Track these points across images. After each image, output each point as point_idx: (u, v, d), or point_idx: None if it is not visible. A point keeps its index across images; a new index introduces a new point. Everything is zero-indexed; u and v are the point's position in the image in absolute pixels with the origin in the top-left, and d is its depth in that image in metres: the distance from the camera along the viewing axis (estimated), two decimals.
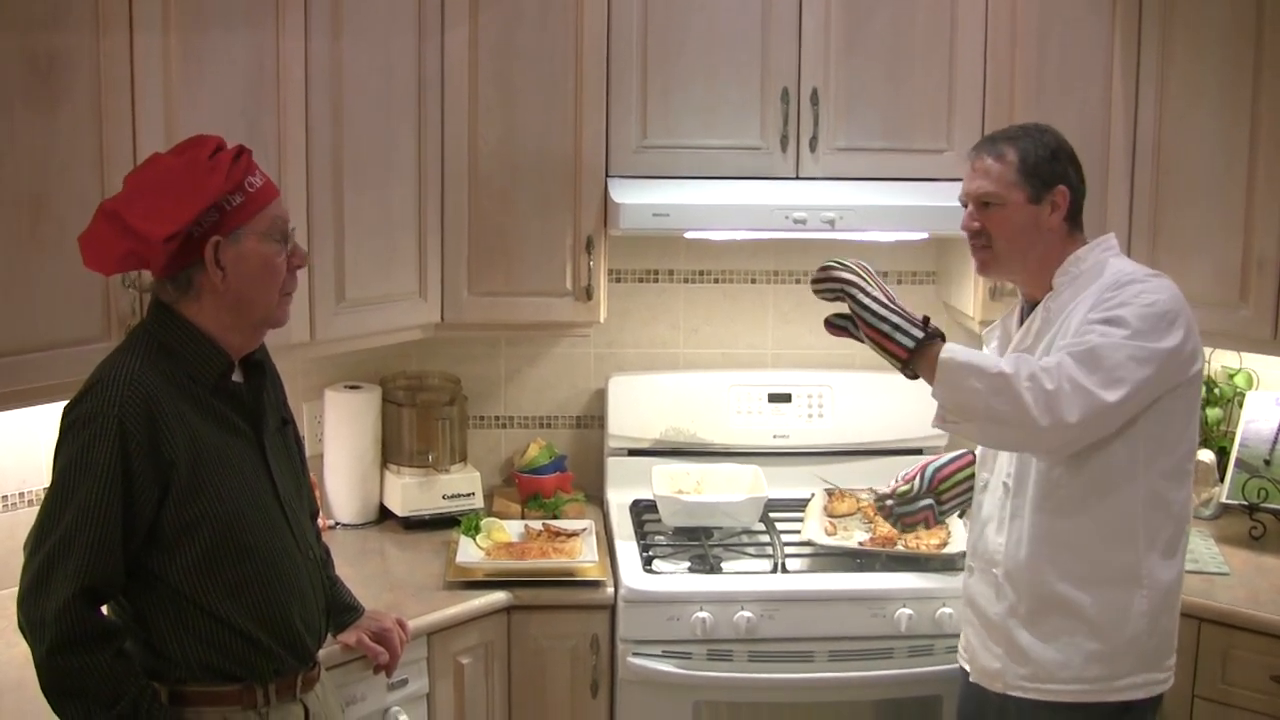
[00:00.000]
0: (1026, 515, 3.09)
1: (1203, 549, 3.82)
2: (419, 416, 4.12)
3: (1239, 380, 4.23)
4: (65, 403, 2.53)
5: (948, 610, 3.62)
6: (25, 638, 2.48)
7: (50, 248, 2.85)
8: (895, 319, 2.98)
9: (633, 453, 4.33)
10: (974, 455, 3.42)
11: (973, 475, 3.39)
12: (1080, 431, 2.93)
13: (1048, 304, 3.11)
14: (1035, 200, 3.07)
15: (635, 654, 3.64)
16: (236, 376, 2.68)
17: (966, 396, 2.94)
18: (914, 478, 3.47)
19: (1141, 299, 2.97)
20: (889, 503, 3.49)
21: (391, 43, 3.67)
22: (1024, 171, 3.07)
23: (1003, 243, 3.10)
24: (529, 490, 4.19)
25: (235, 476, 2.60)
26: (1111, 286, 3.02)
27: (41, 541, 2.48)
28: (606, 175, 3.92)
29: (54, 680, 2.46)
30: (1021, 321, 3.21)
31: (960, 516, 3.52)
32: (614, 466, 4.34)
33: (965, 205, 3.16)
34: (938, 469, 3.46)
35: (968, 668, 3.31)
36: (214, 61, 3.20)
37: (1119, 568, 3.03)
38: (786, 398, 4.35)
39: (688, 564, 3.80)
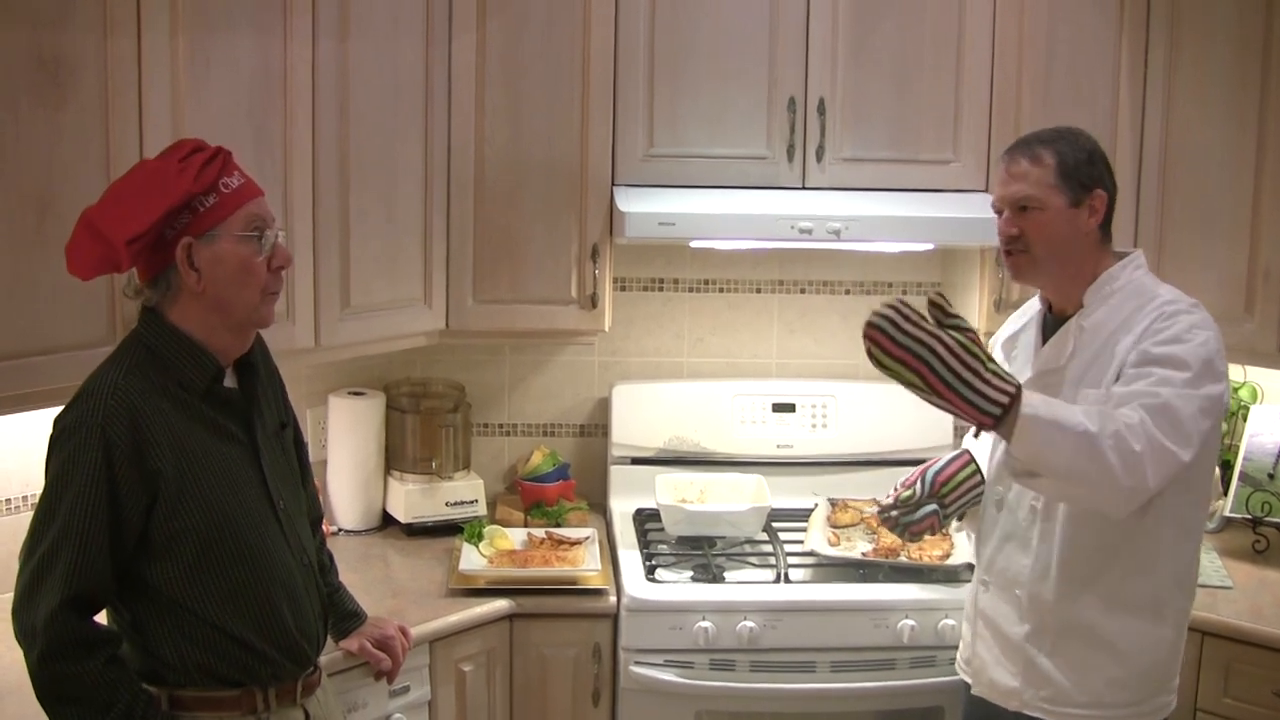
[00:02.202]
0: (1056, 540, 3.04)
1: (1206, 562, 3.81)
2: (423, 423, 4.12)
3: (1243, 394, 4.22)
4: (64, 406, 2.54)
5: (950, 622, 3.61)
6: (19, 645, 2.50)
7: (55, 250, 2.81)
8: (975, 382, 2.74)
9: (636, 461, 4.32)
10: (971, 454, 3.41)
11: (974, 474, 3.36)
12: (1154, 492, 2.86)
13: (1079, 323, 3.04)
14: (1075, 204, 2.99)
15: (637, 663, 3.63)
16: (229, 381, 2.68)
17: (1048, 454, 2.80)
18: (914, 483, 3.41)
19: (1195, 337, 2.90)
20: (894, 513, 3.42)
21: (399, 48, 3.67)
22: (1063, 175, 2.98)
23: (1041, 248, 3.01)
24: (532, 498, 4.19)
25: (225, 483, 2.60)
26: (1160, 316, 2.95)
27: (32, 551, 2.49)
28: (612, 183, 3.92)
29: (47, 688, 2.48)
30: (1045, 336, 3.13)
31: (960, 519, 3.49)
32: (617, 475, 4.34)
33: (1000, 212, 3.06)
34: (938, 472, 3.41)
35: (971, 681, 3.29)
36: (221, 64, 3.20)
37: (1144, 596, 3.01)
38: (790, 408, 4.35)
39: (690, 573, 3.79)
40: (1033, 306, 3.24)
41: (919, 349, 2.71)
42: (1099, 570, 3.01)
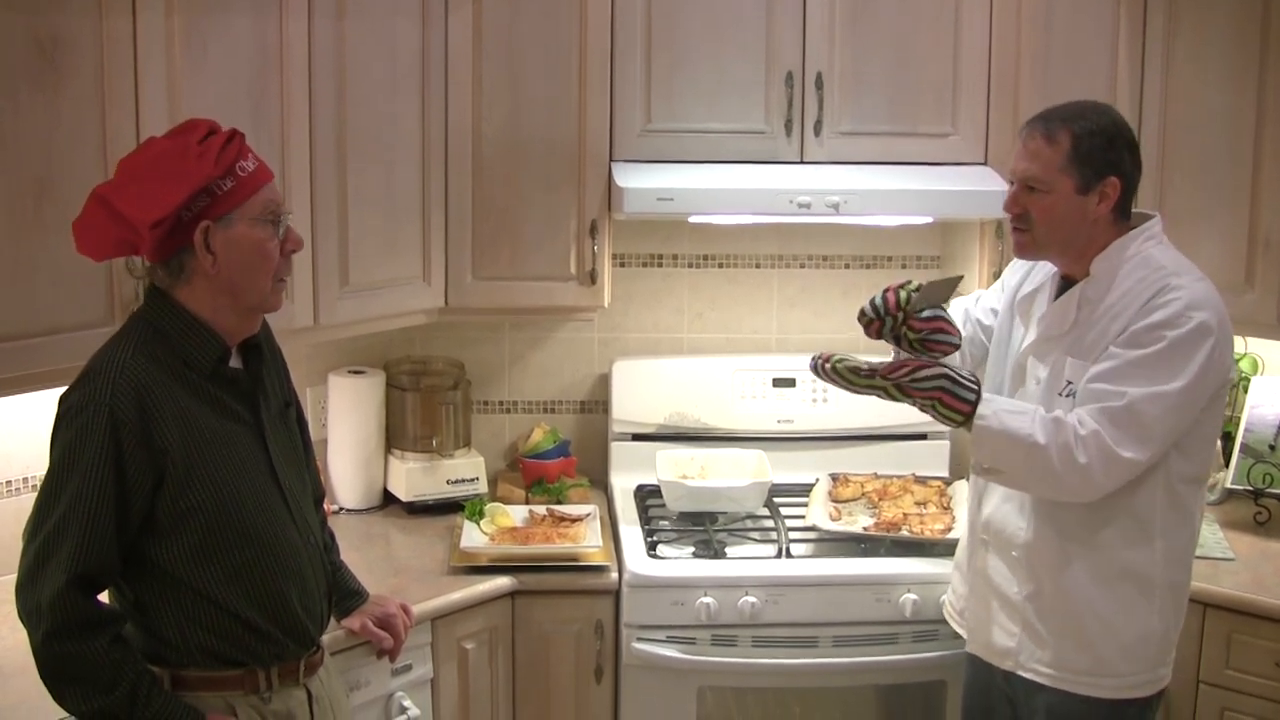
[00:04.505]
0: (1050, 505, 3.06)
1: (1208, 534, 3.81)
2: (423, 401, 4.12)
3: (1244, 365, 4.21)
4: (70, 385, 2.54)
5: None
6: (24, 625, 2.50)
7: (53, 231, 2.84)
8: (949, 373, 2.96)
9: (637, 437, 4.32)
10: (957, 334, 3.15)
11: (949, 337, 3.09)
12: (1113, 488, 2.95)
13: (1085, 291, 3.03)
14: (1083, 190, 2.96)
15: (639, 639, 3.64)
16: (235, 362, 2.68)
17: (1000, 460, 2.96)
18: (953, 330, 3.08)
19: (1189, 320, 2.88)
20: (910, 285, 3.07)
21: (395, 24, 3.66)
22: (1075, 159, 2.95)
23: (1044, 229, 3.00)
24: (533, 475, 4.19)
25: (232, 462, 2.60)
26: (1160, 290, 2.93)
27: (37, 530, 2.49)
28: (610, 159, 3.91)
29: (51, 667, 2.48)
30: (1056, 295, 3.12)
31: (923, 349, 3.08)
32: (618, 451, 4.33)
33: (1012, 182, 3.06)
34: (938, 317, 3.05)
35: (963, 634, 3.34)
36: (217, 44, 3.19)
37: (1135, 568, 3.02)
38: (791, 382, 4.34)
39: (692, 549, 3.79)
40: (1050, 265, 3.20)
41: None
42: (1094, 541, 3.03)
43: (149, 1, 3.01)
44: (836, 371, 3.02)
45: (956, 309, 3.46)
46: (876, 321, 3.05)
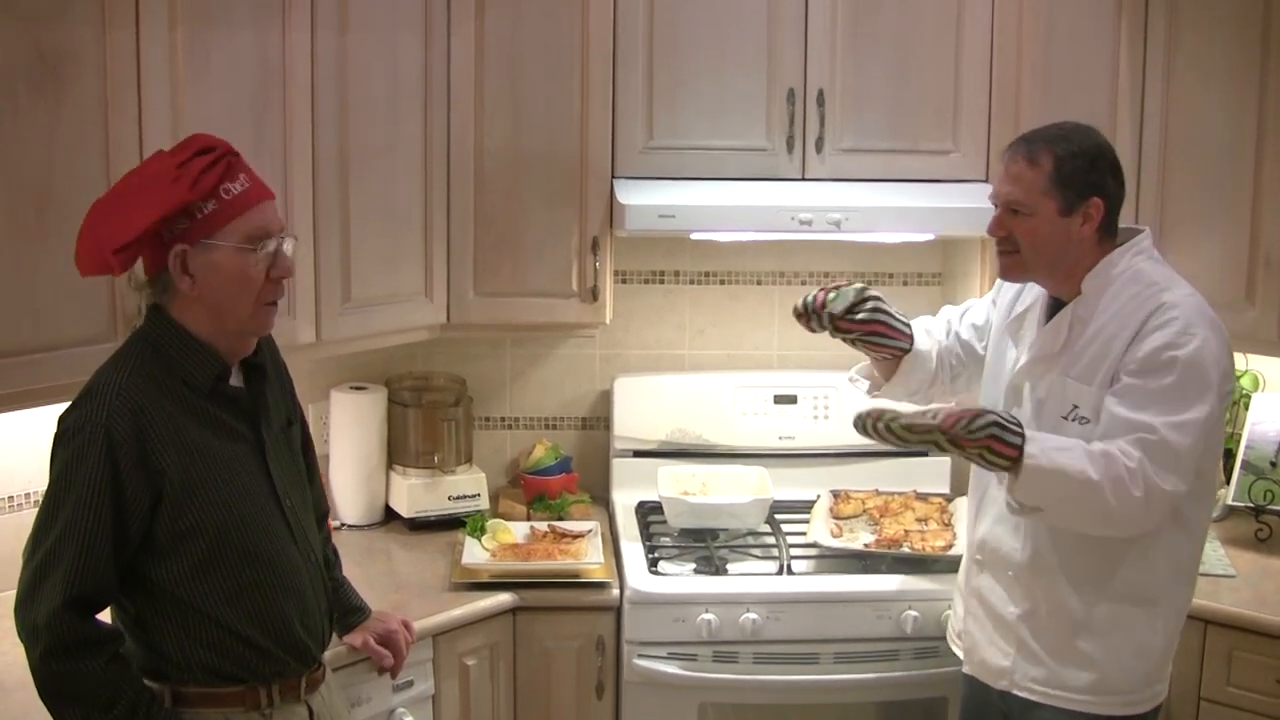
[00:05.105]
0: (1048, 526, 3.04)
1: (1209, 551, 3.80)
2: (424, 417, 4.12)
3: (1245, 382, 4.21)
4: (68, 405, 2.54)
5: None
6: (22, 643, 2.50)
7: (54, 245, 2.83)
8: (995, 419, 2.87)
9: (638, 454, 4.32)
10: (926, 336, 3.36)
11: (893, 334, 3.29)
12: (1156, 522, 2.91)
13: (1076, 310, 3.02)
14: (1066, 212, 2.96)
15: (641, 655, 3.63)
16: (236, 380, 2.67)
17: (1048, 498, 2.87)
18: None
19: (1190, 340, 2.87)
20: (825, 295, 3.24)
21: (397, 40, 3.67)
22: (1057, 181, 2.94)
23: (1029, 252, 2.99)
24: (534, 491, 4.18)
25: (232, 481, 2.60)
26: (1157, 309, 2.92)
27: (35, 549, 2.49)
28: (612, 176, 3.91)
29: (49, 686, 2.48)
30: (1048, 320, 3.10)
31: (865, 349, 3.35)
32: (619, 468, 4.33)
33: (996, 206, 3.05)
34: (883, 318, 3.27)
35: (962, 655, 3.32)
36: (220, 57, 3.19)
37: (1137, 587, 3.01)
38: (792, 399, 4.34)
39: (693, 565, 3.79)
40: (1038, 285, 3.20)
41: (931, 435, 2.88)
42: (1091, 559, 3.01)
43: (152, 13, 3.02)
44: (891, 431, 2.95)
45: (939, 318, 3.50)
46: (804, 316, 3.22)
